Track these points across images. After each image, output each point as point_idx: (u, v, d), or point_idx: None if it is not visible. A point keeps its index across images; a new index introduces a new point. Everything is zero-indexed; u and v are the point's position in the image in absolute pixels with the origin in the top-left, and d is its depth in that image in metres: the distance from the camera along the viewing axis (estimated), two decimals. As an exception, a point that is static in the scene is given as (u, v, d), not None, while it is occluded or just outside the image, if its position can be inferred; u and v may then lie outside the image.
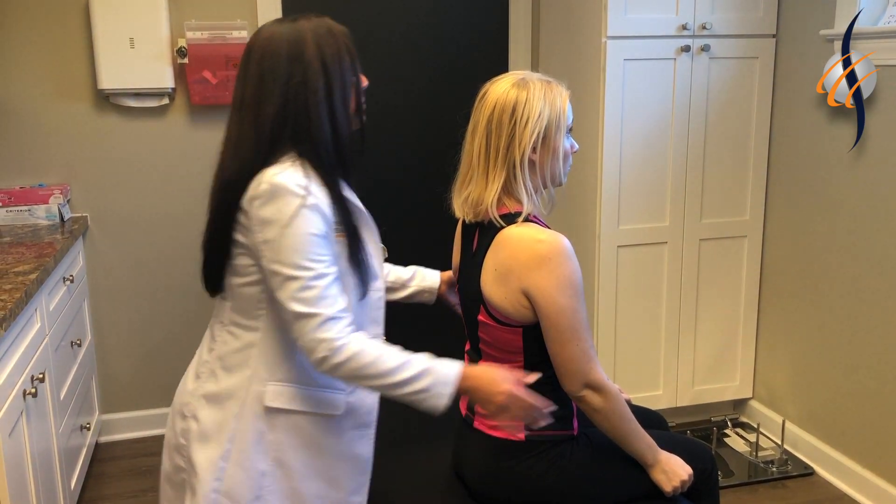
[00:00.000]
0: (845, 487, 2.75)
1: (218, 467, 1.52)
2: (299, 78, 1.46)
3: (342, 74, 1.49)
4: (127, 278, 3.12)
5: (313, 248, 1.41)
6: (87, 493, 2.79)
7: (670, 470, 1.65)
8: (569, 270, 1.54)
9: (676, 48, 2.82)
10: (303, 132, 1.47)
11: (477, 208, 1.63)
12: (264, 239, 1.42)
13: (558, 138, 1.61)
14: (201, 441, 1.54)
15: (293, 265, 1.40)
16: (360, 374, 1.41)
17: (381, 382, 1.42)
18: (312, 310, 1.40)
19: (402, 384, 1.42)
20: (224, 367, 1.55)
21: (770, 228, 3.05)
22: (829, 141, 2.73)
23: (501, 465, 1.65)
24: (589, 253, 2.93)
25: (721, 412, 3.26)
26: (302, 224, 1.41)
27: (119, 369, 3.17)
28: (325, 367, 1.42)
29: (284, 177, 1.42)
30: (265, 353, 1.53)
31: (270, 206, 1.41)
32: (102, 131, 3.00)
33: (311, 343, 1.40)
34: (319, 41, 1.48)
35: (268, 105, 1.46)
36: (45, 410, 2.22)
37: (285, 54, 1.47)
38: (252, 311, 1.53)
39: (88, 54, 2.92)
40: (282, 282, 1.41)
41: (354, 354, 1.40)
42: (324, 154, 1.48)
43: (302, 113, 1.47)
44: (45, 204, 2.87)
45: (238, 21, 2.97)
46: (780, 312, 3.03)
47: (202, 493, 1.51)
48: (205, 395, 1.56)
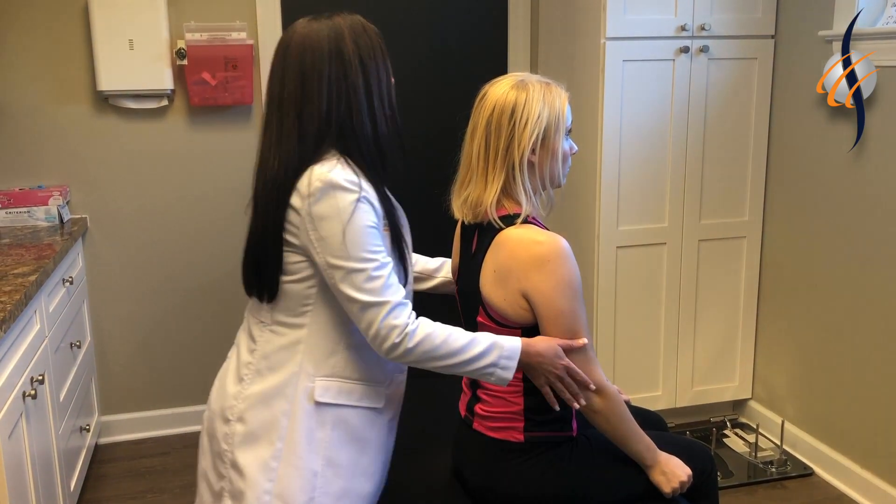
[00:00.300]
0: (844, 488, 2.75)
1: (269, 468, 1.52)
2: (340, 74, 1.48)
3: (378, 72, 1.53)
4: (126, 280, 3.12)
5: (372, 239, 1.45)
6: (87, 494, 2.79)
7: (669, 471, 1.65)
8: (568, 272, 1.54)
9: (675, 49, 2.82)
10: (347, 130, 1.50)
11: (476, 209, 1.63)
12: (321, 235, 1.44)
13: (557, 140, 1.61)
14: (250, 443, 1.54)
15: (356, 258, 1.43)
16: (431, 356, 1.46)
17: (451, 362, 1.47)
18: (381, 298, 1.44)
19: (471, 361, 1.48)
20: (270, 366, 1.55)
21: (769, 229, 3.05)
22: (828, 141, 2.73)
23: (501, 466, 1.65)
24: (588, 254, 2.93)
25: (720, 413, 3.27)
26: (359, 217, 1.44)
27: (118, 371, 3.17)
28: (398, 353, 1.45)
29: (336, 173, 1.45)
30: (312, 349, 1.54)
31: (325, 203, 1.43)
32: (102, 133, 3.00)
33: (384, 330, 1.43)
34: (357, 39, 1.51)
35: (311, 102, 1.48)
36: (45, 412, 2.22)
37: (326, 50, 1.48)
38: (297, 308, 1.53)
39: (87, 56, 2.92)
40: (345, 275, 1.44)
41: (426, 337, 1.45)
42: (366, 151, 1.51)
43: (345, 111, 1.49)
44: (45, 205, 2.87)
45: (237, 22, 2.97)
46: (779, 313, 3.04)
47: (253, 496, 1.50)
48: (251, 395, 1.55)
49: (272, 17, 3.05)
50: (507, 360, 1.50)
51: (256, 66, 3.05)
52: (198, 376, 3.25)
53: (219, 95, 2.95)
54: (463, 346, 1.48)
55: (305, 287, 1.51)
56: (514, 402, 1.64)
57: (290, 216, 1.47)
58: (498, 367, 1.50)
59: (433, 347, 1.46)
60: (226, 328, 3.24)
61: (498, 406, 1.65)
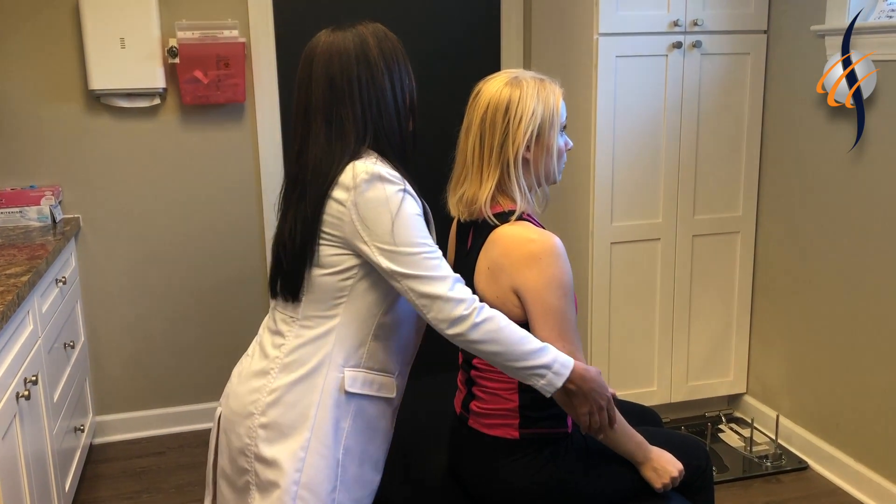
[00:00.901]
0: (839, 481, 2.76)
1: (298, 458, 1.53)
2: (368, 77, 1.53)
3: (401, 75, 1.58)
4: (120, 279, 3.11)
5: (421, 227, 1.50)
6: (82, 495, 2.78)
7: (660, 467, 1.66)
8: (559, 271, 1.54)
9: (668, 45, 2.82)
10: (380, 131, 1.55)
11: (471, 207, 1.63)
12: (370, 226, 1.47)
13: (552, 136, 1.62)
14: (278, 435, 1.54)
15: (411, 244, 1.47)
16: (493, 338, 1.46)
17: (510, 349, 1.47)
18: (443, 273, 1.47)
19: (529, 355, 1.48)
20: (299, 359, 1.56)
21: (763, 224, 3.06)
22: (821, 135, 2.74)
23: (497, 463, 1.65)
24: (582, 250, 2.94)
25: (715, 407, 3.27)
26: (407, 207, 1.48)
27: (112, 371, 3.16)
28: (464, 327, 1.46)
29: (379, 167, 1.48)
30: (343, 341, 1.56)
31: (373, 193, 1.46)
32: (93, 132, 2.99)
33: (451, 303, 1.45)
34: (381, 44, 1.56)
35: (343, 106, 1.53)
36: (39, 413, 2.21)
37: (353, 56, 1.53)
38: (330, 301, 1.55)
39: (79, 55, 2.90)
40: (402, 257, 1.46)
41: (492, 316, 1.48)
42: (397, 150, 1.57)
43: (377, 112, 1.54)
44: (37, 205, 2.85)
45: (229, 21, 2.96)
46: (773, 307, 3.05)
47: (284, 487, 1.52)
48: (279, 388, 1.56)
49: (264, 14, 3.04)
50: (562, 366, 1.49)
51: (249, 64, 3.04)
52: (192, 375, 3.24)
53: (211, 94, 2.94)
54: (522, 337, 1.48)
55: (340, 280, 1.53)
56: (510, 399, 1.64)
57: (332, 208, 1.50)
58: (551, 371, 1.48)
59: (497, 328, 1.47)
60: (220, 326, 3.23)
61: (493, 403, 1.66)
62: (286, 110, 3.15)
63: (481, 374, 1.67)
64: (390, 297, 1.58)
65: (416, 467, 1.84)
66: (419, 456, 1.87)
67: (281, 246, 1.56)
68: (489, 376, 1.65)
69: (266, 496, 1.55)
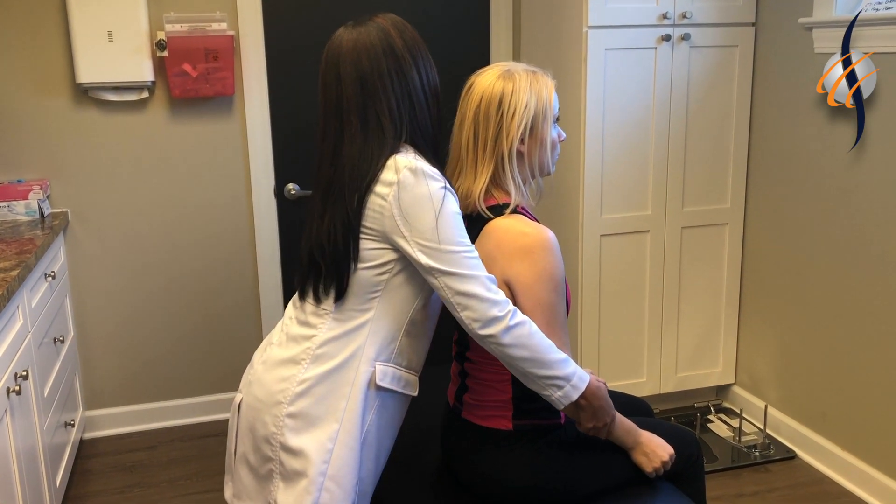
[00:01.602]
0: (826, 470, 2.79)
1: (326, 449, 1.53)
2: (397, 69, 1.53)
3: (425, 64, 1.57)
4: (109, 273, 3.09)
5: (461, 226, 1.50)
6: (73, 489, 2.78)
7: (651, 451, 1.66)
8: (550, 265, 1.55)
9: (657, 37, 2.83)
10: (414, 123, 1.54)
11: (466, 201, 1.64)
12: (412, 222, 1.46)
13: (545, 128, 1.62)
14: (307, 425, 1.55)
15: (451, 241, 1.47)
16: (524, 343, 1.47)
17: (536, 356, 1.48)
18: (481, 273, 1.47)
19: (553, 364, 1.49)
20: (330, 351, 1.56)
21: (751, 216, 3.08)
22: (807, 125, 2.75)
23: (490, 454, 1.66)
24: (572, 242, 2.95)
25: (704, 398, 3.30)
26: (449, 205, 1.48)
27: (103, 365, 3.15)
28: (498, 328, 1.46)
29: (421, 163, 1.48)
30: (376, 335, 1.56)
31: (417, 190, 1.46)
32: (81, 126, 2.97)
33: (487, 303, 1.46)
34: (403, 35, 1.56)
35: (377, 101, 1.51)
36: (29, 408, 2.21)
37: (381, 49, 1.52)
38: (365, 295, 1.54)
39: (66, 48, 2.88)
40: (441, 255, 1.46)
41: (524, 321, 1.48)
42: (430, 141, 1.57)
43: (408, 105, 1.54)
44: (25, 200, 2.84)
45: (217, 13, 2.94)
46: (761, 298, 3.07)
47: (311, 477, 1.52)
48: (309, 378, 1.55)
49: (253, 7, 3.02)
50: (580, 380, 1.52)
51: (238, 57, 3.03)
52: (182, 369, 3.24)
53: (200, 87, 2.93)
54: (549, 346, 1.49)
55: (376, 274, 1.53)
56: (503, 391, 1.65)
57: (373, 203, 1.49)
58: (569, 383, 1.51)
59: (528, 333, 1.47)
60: (210, 319, 3.22)
61: (486, 395, 1.66)
62: (275, 103, 3.14)
63: (475, 365, 1.68)
64: (424, 293, 1.58)
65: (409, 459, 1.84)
66: (413, 447, 1.88)
67: (317, 248, 1.54)
68: (483, 368, 1.66)
69: (291, 485, 1.55)
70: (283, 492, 1.56)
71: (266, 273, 3.23)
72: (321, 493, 1.53)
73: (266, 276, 3.23)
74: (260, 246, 3.20)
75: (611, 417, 1.59)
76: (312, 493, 1.52)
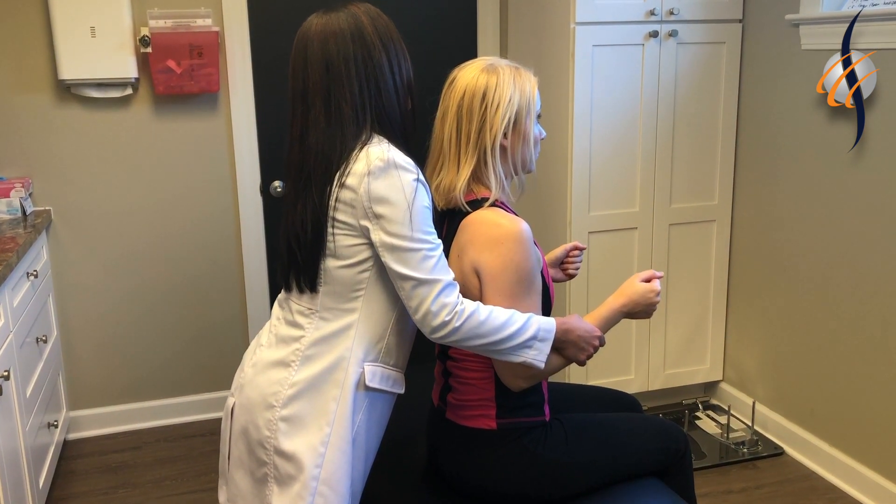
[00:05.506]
0: (814, 466, 2.79)
1: (318, 453, 1.52)
2: (365, 55, 1.51)
3: (396, 52, 1.56)
4: (92, 272, 3.06)
5: (428, 220, 1.48)
6: (56, 491, 2.75)
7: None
8: (519, 257, 1.53)
9: (645, 34, 2.83)
10: (380, 110, 1.53)
11: (448, 195, 1.62)
12: (381, 213, 1.45)
13: (528, 124, 1.61)
14: (298, 428, 1.53)
15: (414, 238, 1.45)
16: (476, 333, 1.47)
17: (494, 338, 1.48)
18: (434, 276, 1.46)
19: (513, 336, 1.49)
20: (319, 352, 1.55)
21: (738, 212, 3.08)
22: (798, 125, 2.76)
23: (475, 454, 1.64)
24: (560, 239, 2.94)
25: (692, 395, 3.30)
26: (419, 198, 1.47)
27: (86, 365, 3.12)
28: (445, 331, 1.46)
29: (393, 153, 1.47)
30: (363, 335, 1.55)
31: (388, 181, 1.45)
32: (64, 123, 2.94)
33: (435, 308, 1.45)
34: (374, 22, 1.55)
35: (341, 86, 1.50)
36: (11, 408, 2.18)
37: (349, 34, 1.51)
38: (348, 294, 1.53)
39: (48, 44, 2.85)
40: (402, 253, 1.45)
41: (472, 314, 1.47)
42: (398, 129, 1.55)
43: (375, 91, 1.52)
44: (6, 198, 2.80)
45: (202, 9, 2.92)
46: (749, 295, 3.07)
47: (303, 482, 1.51)
48: (300, 381, 1.54)
49: (238, 3, 3.00)
50: (546, 332, 1.52)
51: (223, 54, 3.00)
52: (167, 369, 3.21)
53: (184, 83, 2.90)
54: (504, 322, 1.49)
55: (357, 272, 1.51)
56: (485, 389, 1.64)
57: (343, 195, 1.47)
58: (537, 340, 1.51)
59: (478, 324, 1.47)
60: (195, 319, 3.20)
61: (469, 394, 1.65)
62: (261, 100, 3.12)
63: (457, 364, 1.66)
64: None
65: (395, 459, 1.83)
66: (398, 448, 1.87)
67: (294, 237, 1.53)
68: (465, 366, 1.65)
69: (285, 489, 1.54)
70: (277, 496, 1.55)
71: (251, 271, 3.21)
72: (315, 497, 1.51)
73: (251, 273, 3.21)
74: (245, 243, 3.18)
75: (597, 337, 1.60)
76: (306, 497, 1.51)
